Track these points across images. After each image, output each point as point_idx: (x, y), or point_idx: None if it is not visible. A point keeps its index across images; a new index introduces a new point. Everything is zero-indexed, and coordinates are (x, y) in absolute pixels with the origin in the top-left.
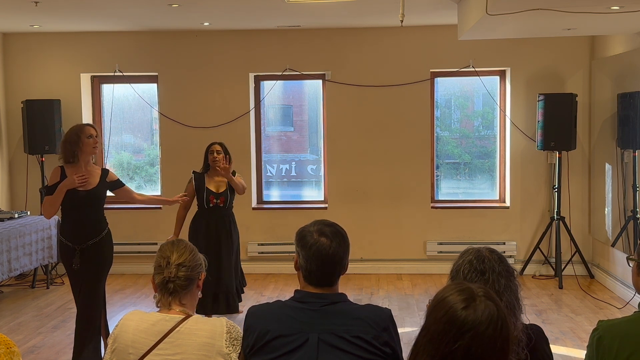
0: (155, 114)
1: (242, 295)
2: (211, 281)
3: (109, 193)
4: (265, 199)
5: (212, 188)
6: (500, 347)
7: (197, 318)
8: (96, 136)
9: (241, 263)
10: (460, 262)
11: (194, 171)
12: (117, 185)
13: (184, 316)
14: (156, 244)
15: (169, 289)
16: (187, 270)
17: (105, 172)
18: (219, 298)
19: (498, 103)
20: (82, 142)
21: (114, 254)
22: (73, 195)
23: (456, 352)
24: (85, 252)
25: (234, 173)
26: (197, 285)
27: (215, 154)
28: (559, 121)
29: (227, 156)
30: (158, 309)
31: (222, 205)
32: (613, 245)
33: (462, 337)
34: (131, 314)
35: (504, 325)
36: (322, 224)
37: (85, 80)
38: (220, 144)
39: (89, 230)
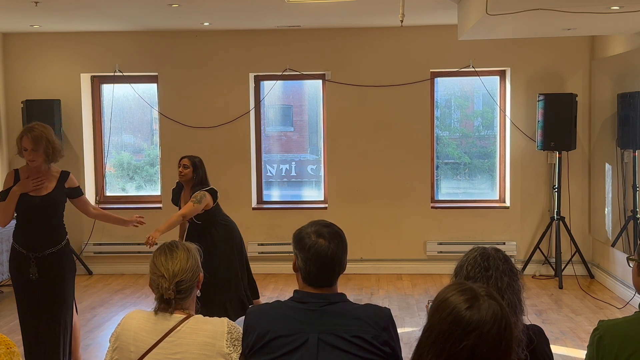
0: (155, 114)
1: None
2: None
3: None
4: (265, 199)
5: (182, 205)
6: (505, 346)
7: (198, 318)
8: (33, 149)
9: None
10: (465, 259)
11: (177, 182)
12: (74, 194)
13: (185, 316)
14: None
15: (170, 303)
16: (186, 282)
17: (65, 175)
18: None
19: (498, 103)
20: (20, 151)
21: (75, 266)
22: (27, 201)
23: (462, 352)
24: (42, 261)
25: (198, 188)
26: (196, 287)
27: (181, 168)
28: (559, 121)
29: (194, 172)
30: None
31: (190, 221)
32: (613, 245)
33: (468, 337)
34: (133, 312)
35: (507, 324)
36: (320, 225)
37: (85, 80)
38: (191, 158)
39: (45, 238)
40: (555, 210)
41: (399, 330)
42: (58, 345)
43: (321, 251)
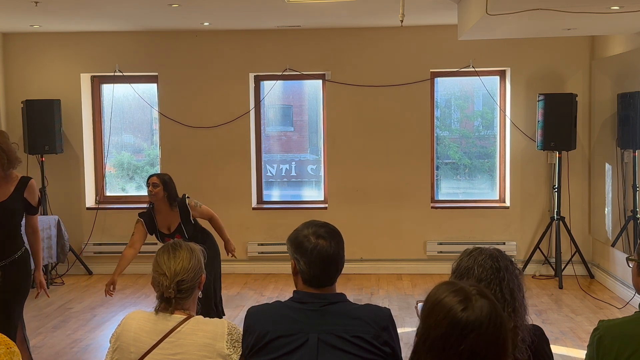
0: (155, 114)
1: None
2: None
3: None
4: (265, 199)
5: (164, 230)
6: (502, 342)
7: (198, 319)
8: None
9: (221, 281)
10: (472, 262)
11: (139, 214)
12: (29, 210)
13: (185, 316)
14: (156, 244)
15: (170, 302)
16: (187, 282)
17: (24, 181)
18: None
19: (498, 103)
20: None
21: (31, 280)
22: None
23: (462, 354)
24: None
25: (184, 198)
26: (197, 287)
27: (151, 187)
28: (559, 121)
29: (165, 190)
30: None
31: (181, 238)
32: (613, 245)
33: (466, 338)
34: (134, 313)
35: (502, 321)
36: (316, 226)
37: (85, 80)
38: (159, 176)
39: None
40: (555, 210)
41: (399, 330)
42: None
43: (324, 252)
